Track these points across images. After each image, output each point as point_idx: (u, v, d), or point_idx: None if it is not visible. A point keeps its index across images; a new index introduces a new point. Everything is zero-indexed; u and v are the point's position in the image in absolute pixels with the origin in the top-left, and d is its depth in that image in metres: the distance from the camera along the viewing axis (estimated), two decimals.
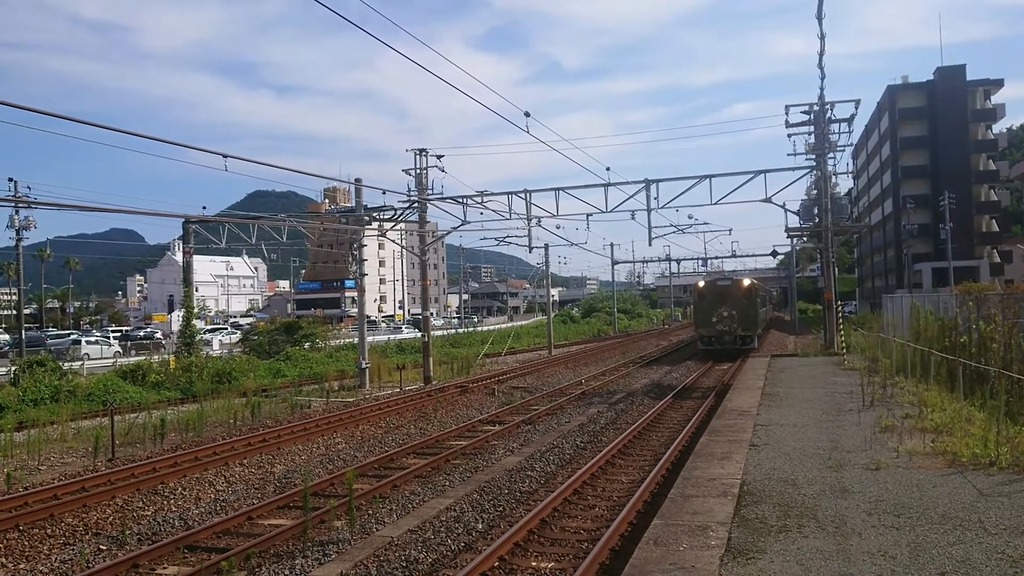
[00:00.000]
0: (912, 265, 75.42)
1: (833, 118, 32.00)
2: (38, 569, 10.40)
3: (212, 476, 15.59)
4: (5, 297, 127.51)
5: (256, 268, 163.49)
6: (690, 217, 58.66)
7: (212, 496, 14.27)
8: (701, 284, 40.74)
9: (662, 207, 32.09)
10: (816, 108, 31.87)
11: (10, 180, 38.15)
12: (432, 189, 32.90)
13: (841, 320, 32.26)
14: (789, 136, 33.02)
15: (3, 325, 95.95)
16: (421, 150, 32.43)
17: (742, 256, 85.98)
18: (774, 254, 77.23)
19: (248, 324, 72.53)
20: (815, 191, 33.29)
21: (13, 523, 12.17)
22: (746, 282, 38.95)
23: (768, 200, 31.39)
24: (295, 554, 10.53)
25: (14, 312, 71.09)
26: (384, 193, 34.48)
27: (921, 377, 18.94)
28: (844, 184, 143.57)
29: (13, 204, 32.85)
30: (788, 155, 33.50)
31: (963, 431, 12.13)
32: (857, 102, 32.72)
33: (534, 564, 9.68)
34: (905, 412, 14.56)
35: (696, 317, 41.33)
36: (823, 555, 7.02)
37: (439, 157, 32.68)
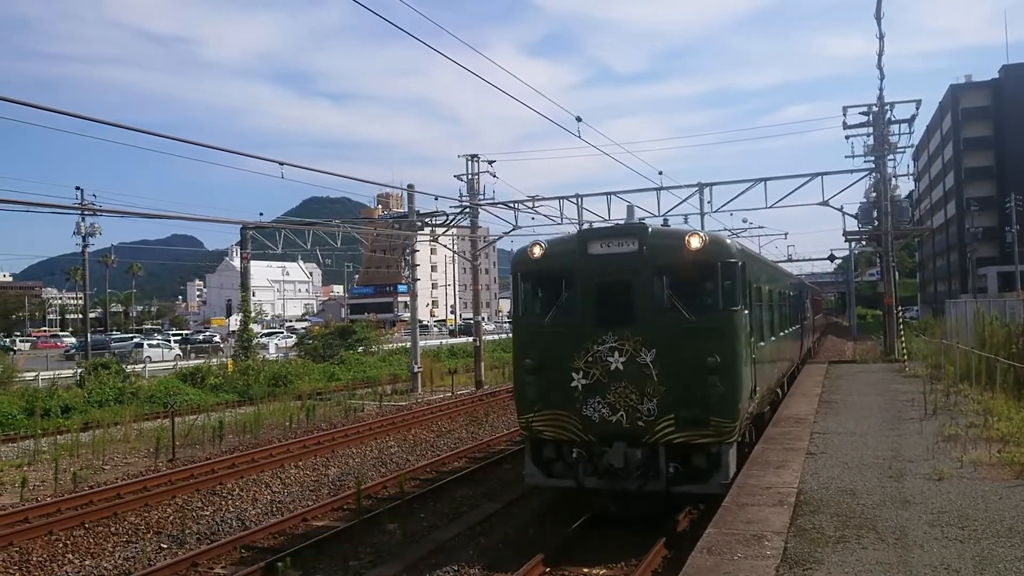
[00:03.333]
0: (976, 269, 73.17)
1: (893, 119, 31.21)
2: (103, 566, 10.72)
3: (268, 477, 15.87)
4: (72, 301, 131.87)
5: (311, 273, 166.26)
6: (745, 221, 57.83)
7: (268, 497, 14.53)
8: (536, 252, 11.98)
9: (716, 211, 31.73)
10: (875, 109, 31.14)
11: (77, 189, 39.52)
12: (484, 194, 33.10)
13: (902, 326, 31.42)
14: (847, 138, 32.30)
15: (70, 328, 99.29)
16: (473, 155, 32.65)
17: (798, 260, 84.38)
18: (832, 258, 75.45)
19: (303, 328, 73.71)
20: (874, 194, 32.51)
21: (79, 521, 12.58)
22: (694, 243, 10.94)
23: (825, 203, 30.78)
24: (348, 556, 10.66)
25: (80, 316, 73.46)
26: (436, 199, 34.78)
27: (986, 385, 18.33)
28: (904, 186, 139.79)
29: (80, 212, 34.03)
30: (846, 157, 32.77)
31: None
32: (918, 102, 31.88)
33: (586, 570, 9.64)
34: (969, 421, 14.11)
35: (517, 380, 12.01)
36: (883, 567, 6.83)
37: (491, 162, 32.90)
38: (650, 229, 11.27)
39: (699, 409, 10.55)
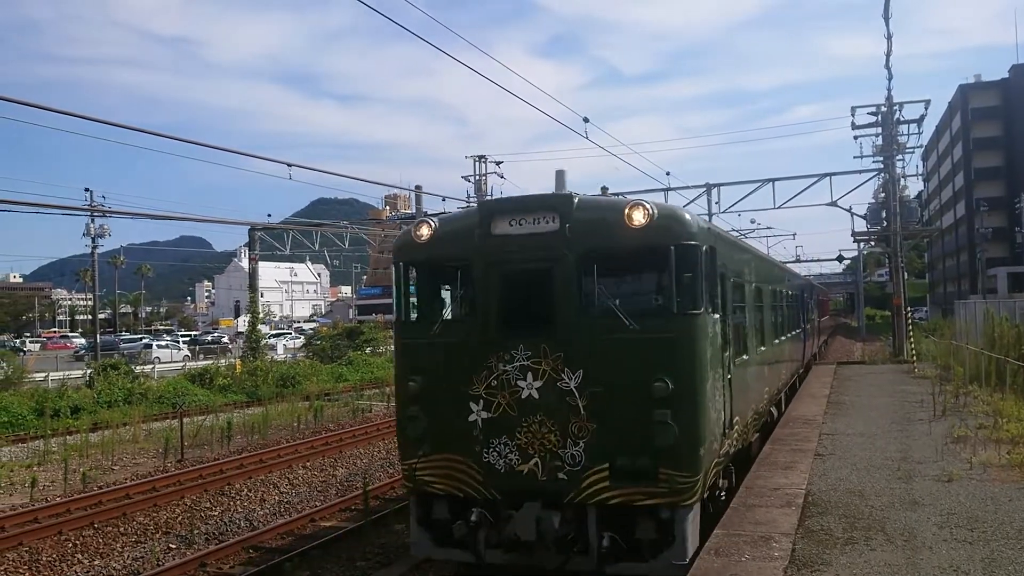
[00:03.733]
0: (986, 270, 72.82)
1: (902, 119, 31.18)
2: (112, 566, 10.76)
3: (276, 478, 15.92)
4: (82, 302, 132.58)
5: (319, 274, 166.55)
6: (753, 222, 57.63)
7: (276, 498, 14.57)
8: (423, 233, 8.63)
9: (724, 211, 31.80)
10: (884, 109, 31.07)
11: (86, 190, 39.62)
12: (491, 195, 33.11)
13: (911, 326, 31.30)
14: (855, 138, 32.29)
15: (79, 329, 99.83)
16: (480, 156, 32.74)
17: (807, 261, 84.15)
18: (840, 259, 75.29)
19: (311, 329, 73.88)
20: (883, 194, 32.43)
21: (88, 521, 12.64)
22: (637, 217, 7.69)
23: (834, 204, 30.79)
24: (356, 556, 10.68)
25: (90, 317, 73.87)
26: (444, 200, 34.97)
27: (996, 386, 18.26)
28: (913, 187, 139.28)
29: (89, 213, 34.26)
30: (854, 158, 32.76)
31: None
32: (927, 102, 31.86)
33: None
34: (979, 422, 14.05)
35: (398, 411, 8.89)
36: (891, 569, 6.81)
37: (498, 163, 32.97)
38: (576, 200, 8.07)
39: (643, 456, 7.55)
